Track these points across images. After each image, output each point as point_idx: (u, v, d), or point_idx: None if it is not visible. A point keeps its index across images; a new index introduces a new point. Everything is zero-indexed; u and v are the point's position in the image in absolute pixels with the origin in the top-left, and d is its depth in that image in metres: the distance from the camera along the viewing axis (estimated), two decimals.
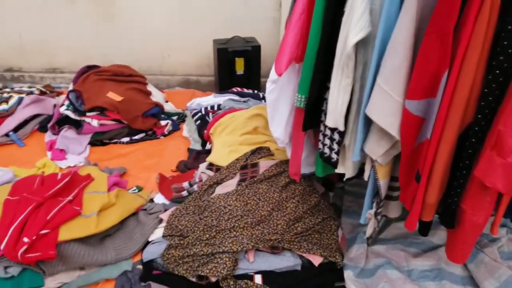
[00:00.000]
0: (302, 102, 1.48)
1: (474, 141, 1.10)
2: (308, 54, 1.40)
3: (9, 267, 1.53)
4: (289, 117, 1.66)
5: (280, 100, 1.65)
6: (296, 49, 1.47)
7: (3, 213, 1.66)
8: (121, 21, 3.24)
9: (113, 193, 1.88)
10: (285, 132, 1.70)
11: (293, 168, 1.72)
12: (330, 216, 1.81)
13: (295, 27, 1.44)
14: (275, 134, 1.73)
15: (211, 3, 3.14)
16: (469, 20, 0.99)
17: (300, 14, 1.41)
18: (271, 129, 1.74)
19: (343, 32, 1.24)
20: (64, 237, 1.59)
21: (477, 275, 1.54)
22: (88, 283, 1.64)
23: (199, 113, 2.67)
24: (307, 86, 1.44)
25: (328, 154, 1.48)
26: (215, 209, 1.76)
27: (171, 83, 3.46)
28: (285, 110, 1.66)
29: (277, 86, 1.62)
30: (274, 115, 1.69)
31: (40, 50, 3.40)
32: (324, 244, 1.68)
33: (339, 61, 1.27)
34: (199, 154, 2.42)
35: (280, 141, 1.74)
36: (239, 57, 2.98)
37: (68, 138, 2.58)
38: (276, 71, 1.52)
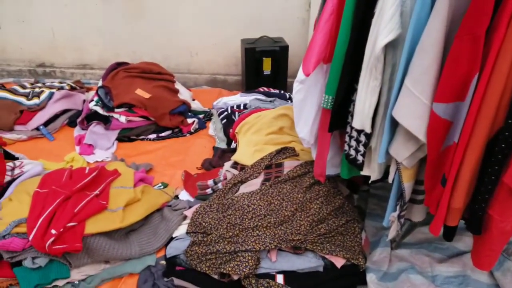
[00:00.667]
0: (329, 103, 1.46)
1: (504, 146, 1.06)
2: (336, 55, 1.38)
3: (37, 257, 1.57)
4: (316, 118, 1.64)
5: (306, 101, 1.64)
6: (324, 49, 1.46)
7: (32, 204, 1.70)
8: (151, 19, 3.29)
9: (139, 189, 1.90)
10: (311, 132, 1.68)
11: (318, 169, 1.70)
12: (354, 219, 1.77)
13: (324, 27, 1.43)
14: (301, 135, 1.72)
15: (240, 2, 3.15)
16: (502, 23, 0.97)
17: (330, 14, 1.40)
18: (297, 129, 1.73)
19: (372, 34, 1.22)
20: (90, 231, 1.62)
21: (503, 283, 1.49)
22: (112, 277, 1.67)
23: (225, 112, 2.67)
24: (334, 87, 1.42)
25: (353, 156, 1.46)
26: (239, 208, 1.75)
27: (199, 82, 3.49)
28: (312, 111, 1.64)
29: (304, 86, 1.60)
30: (300, 115, 1.68)
31: (71, 46, 3.49)
32: (347, 246, 1.65)
33: (368, 62, 1.25)
34: (224, 152, 2.43)
35: (306, 141, 1.73)
36: (266, 57, 2.97)
37: (97, 134, 2.63)
38: (304, 72, 1.51)
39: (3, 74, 3.60)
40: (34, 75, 3.57)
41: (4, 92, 2.82)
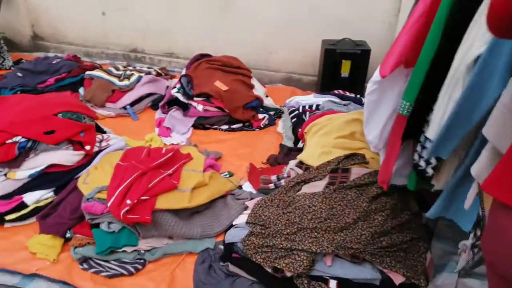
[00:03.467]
0: (405, 110, 1.40)
1: None
2: (421, 60, 1.31)
3: (112, 223, 1.73)
4: (387, 122, 1.58)
5: (380, 103, 1.57)
6: (407, 52, 1.38)
7: (113, 175, 1.88)
8: (236, 15, 3.41)
9: (208, 174, 2.00)
10: (380, 136, 1.62)
11: (382, 175, 1.64)
12: (420, 237, 1.70)
13: (410, 29, 1.36)
14: (369, 137, 1.67)
15: (324, 3, 3.14)
16: None
17: (419, 16, 1.32)
18: (365, 131, 1.68)
19: (466, 41, 1.14)
20: (160, 206, 1.75)
21: None
22: (174, 252, 1.78)
23: (297, 111, 2.69)
24: (414, 93, 1.35)
25: (423, 167, 1.39)
26: (299, 207, 1.77)
27: (274, 79, 3.55)
28: (384, 114, 1.58)
29: (379, 88, 1.54)
30: (371, 117, 1.63)
31: (161, 35, 3.74)
32: (408, 264, 1.58)
33: (455, 71, 1.17)
34: (290, 150, 2.46)
35: (373, 145, 1.67)
36: (346, 60, 2.93)
37: (175, 118, 2.80)
38: (381, 73, 1.45)
39: (102, 56, 3.97)
40: (127, 59, 3.89)
41: (101, 72, 3.11)
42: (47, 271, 1.69)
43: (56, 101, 2.22)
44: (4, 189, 1.96)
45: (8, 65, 3.68)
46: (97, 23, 3.86)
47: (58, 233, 1.80)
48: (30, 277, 1.69)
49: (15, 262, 1.74)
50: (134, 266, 1.70)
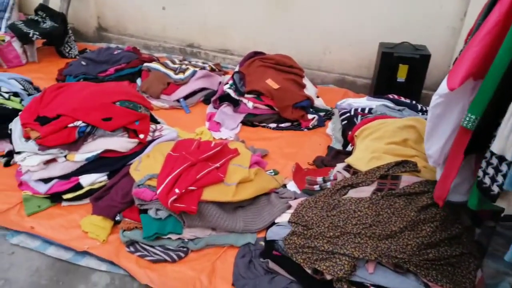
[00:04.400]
0: (471, 123, 1.33)
1: None
2: (492, 73, 1.24)
3: (159, 210, 1.79)
4: (450, 136, 1.51)
5: (444, 116, 1.50)
6: (477, 64, 1.30)
7: (164, 164, 1.95)
8: (292, 15, 3.39)
9: (253, 170, 2.02)
10: (441, 151, 1.55)
11: (439, 191, 1.57)
12: (471, 253, 1.60)
13: (483, 39, 1.28)
14: (429, 151, 1.60)
15: (384, 5, 3.04)
16: None
17: (493, 26, 1.25)
18: (426, 145, 1.61)
19: None
20: (206, 197, 1.79)
21: None
22: (216, 244, 1.82)
23: (348, 114, 2.64)
24: (482, 107, 1.28)
25: (488, 185, 1.31)
26: (344, 211, 1.74)
27: (326, 80, 3.50)
28: (447, 128, 1.51)
29: (445, 100, 1.47)
30: (433, 130, 1.56)
31: (218, 31, 3.81)
32: (456, 280, 1.50)
33: None
34: (338, 153, 2.41)
35: (433, 159, 1.61)
36: (403, 64, 2.83)
37: (225, 114, 2.85)
38: (448, 85, 1.38)
39: (159, 49, 4.12)
40: (183, 53, 4.01)
41: (158, 65, 3.23)
42: (97, 250, 1.79)
43: (115, 90, 2.33)
44: (64, 169, 2.09)
45: (73, 54, 3.94)
46: (157, 17, 4.01)
47: (109, 215, 1.90)
48: (81, 254, 1.80)
49: (69, 239, 1.86)
50: (177, 253, 1.75)
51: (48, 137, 2.03)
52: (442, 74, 1.45)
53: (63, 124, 2.06)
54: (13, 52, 3.70)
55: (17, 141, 2.13)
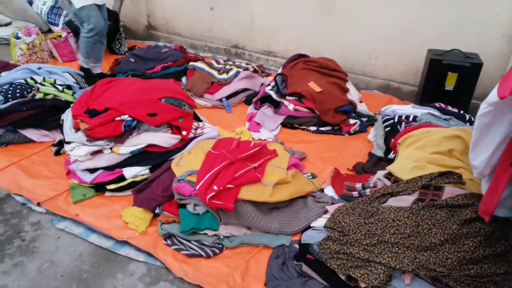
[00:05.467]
0: None
1: None
2: None
3: (198, 206, 1.83)
4: (498, 148, 1.44)
5: (492, 126, 1.44)
6: None
7: (204, 161, 1.99)
8: (339, 18, 3.36)
9: (291, 172, 2.02)
10: (487, 162, 1.48)
11: (485, 206, 1.50)
12: None
13: None
14: (474, 162, 1.53)
15: (435, 11, 2.94)
16: None
17: None
18: (471, 155, 1.55)
19: None
20: (243, 196, 1.80)
21: None
22: (250, 243, 1.83)
23: (391, 120, 2.57)
24: None
25: None
26: (383, 219, 1.70)
27: (370, 85, 3.43)
28: (495, 139, 1.44)
29: (494, 109, 1.41)
30: (479, 140, 1.49)
31: (263, 34, 3.83)
32: None
33: None
34: (379, 160, 2.36)
35: (478, 171, 1.53)
36: (452, 72, 2.72)
37: (266, 115, 2.87)
38: (499, 93, 1.32)
39: (205, 49, 4.21)
40: (228, 54, 4.07)
41: (203, 64, 3.31)
42: (136, 241, 1.86)
43: (161, 87, 2.41)
44: (109, 161, 2.18)
45: (123, 51, 4.11)
46: (204, 18, 4.10)
47: (149, 207, 1.96)
48: (121, 243, 1.87)
49: (110, 228, 1.93)
50: (212, 249, 1.78)
51: (96, 129, 2.12)
52: (494, 84, 1.37)
53: (110, 117, 2.15)
54: (68, 47, 3.92)
55: (68, 131, 2.24)
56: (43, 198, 2.11)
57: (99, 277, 1.73)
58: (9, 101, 2.49)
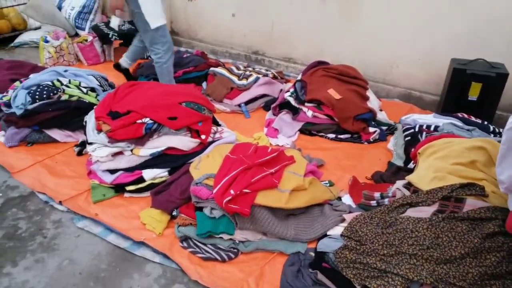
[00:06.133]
0: None
1: None
2: None
3: (214, 209, 1.85)
4: None
5: None
6: None
7: (222, 165, 2.00)
8: (361, 25, 3.34)
9: (308, 179, 2.01)
10: None
11: None
12: None
13: None
14: (501, 177, 1.49)
15: (460, 19, 2.89)
16: None
17: None
18: (498, 169, 1.51)
19: None
20: (259, 202, 1.81)
21: None
22: (265, 249, 1.83)
23: (412, 130, 2.53)
24: None
25: None
26: (401, 230, 1.67)
27: (391, 94, 3.39)
28: None
29: None
30: (507, 155, 1.45)
31: (284, 40, 3.85)
32: None
33: None
34: (399, 170, 2.32)
35: (505, 186, 1.49)
36: (476, 82, 2.66)
37: (284, 121, 2.87)
38: None
39: (226, 55, 4.25)
40: (248, 60, 4.10)
41: (224, 70, 3.34)
42: (153, 242, 1.88)
43: (182, 91, 2.44)
44: (129, 162, 2.22)
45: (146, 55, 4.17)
46: (226, 24, 4.15)
47: (166, 209, 1.98)
48: (138, 244, 1.89)
49: (128, 228, 1.96)
50: (227, 254, 1.79)
51: (118, 131, 2.17)
52: None
53: (132, 119, 2.19)
54: (93, 51, 4.02)
55: (90, 132, 2.30)
56: (65, 197, 2.17)
57: (116, 276, 1.75)
58: (37, 102, 2.58)
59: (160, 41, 2.78)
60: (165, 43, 2.80)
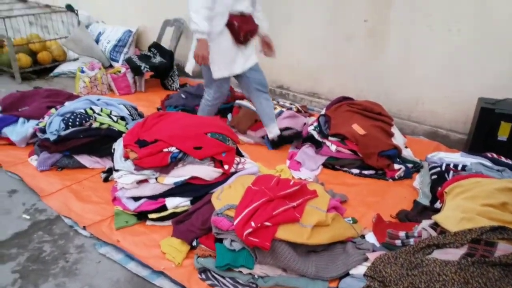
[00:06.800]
0: None
1: None
2: None
3: (234, 241, 1.83)
4: None
5: None
6: None
7: (243, 197, 2.00)
8: (386, 62, 3.36)
9: (331, 215, 1.97)
10: None
11: None
12: None
13: None
14: None
15: (489, 58, 2.87)
16: None
17: None
18: None
19: None
20: (280, 236, 1.78)
21: None
22: (285, 285, 1.79)
23: (438, 168, 2.48)
24: None
25: None
26: (427, 272, 1.60)
27: (416, 131, 3.35)
28: None
29: None
30: None
31: (308, 75, 3.90)
32: None
33: None
34: (425, 209, 2.26)
35: None
36: (506, 122, 2.60)
37: (307, 155, 2.86)
38: None
39: None
40: (273, 94, 4.16)
41: (248, 103, 3.39)
42: (172, 272, 1.87)
43: (208, 122, 2.49)
44: (153, 190, 2.25)
45: (175, 87, 4.33)
46: None
47: (187, 239, 1.98)
48: (157, 273, 1.89)
49: (148, 257, 1.97)
50: None
51: (144, 159, 2.22)
52: None
53: (159, 148, 2.24)
54: (125, 82, 4.19)
55: (118, 159, 2.36)
56: (89, 222, 2.21)
57: None
58: (69, 128, 2.69)
59: (215, 88, 2.83)
60: (219, 92, 2.84)
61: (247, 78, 2.82)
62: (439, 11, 2.98)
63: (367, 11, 3.32)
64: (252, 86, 2.84)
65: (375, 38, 3.36)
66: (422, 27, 3.09)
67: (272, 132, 3.00)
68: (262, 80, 2.88)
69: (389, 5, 3.19)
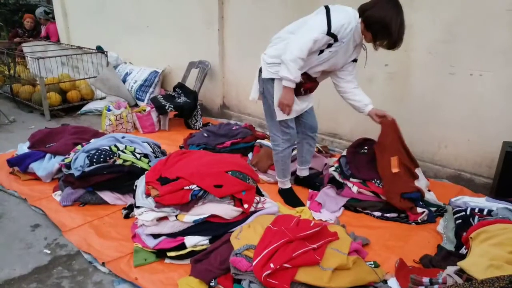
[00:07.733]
0: None
1: None
2: None
3: (253, 283, 1.80)
4: None
5: None
6: None
7: (263, 237, 1.98)
8: (408, 104, 3.37)
9: (352, 258, 1.93)
10: None
11: None
12: None
13: None
14: None
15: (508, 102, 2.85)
16: None
17: None
18: None
19: None
20: (300, 278, 1.75)
21: None
22: None
23: (463, 212, 2.41)
24: None
25: None
26: None
27: (440, 174, 3.29)
28: None
29: None
30: None
31: (330, 117, 3.94)
32: None
33: None
34: (449, 254, 2.18)
35: None
36: None
37: (328, 195, 2.84)
38: None
39: None
40: None
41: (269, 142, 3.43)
42: None
43: (229, 161, 2.53)
44: (172, 228, 2.26)
45: (198, 126, 4.44)
46: None
47: (205, 279, 1.96)
48: None
49: None
50: None
51: (165, 196, 2.25)
52: None
53: (180, 186, 2.27)
54: (150, 120, 4.33)
55: (139, 196, 2.40)
56: (108, 258, 2.22)
57: None
58: (94, 164, 2.77)
59: (282, 130, 2.73)
60: (286, 133, 2.72)
61: (299, 121, 2.86)
62: (463, 57, 3.01)
63: (387, 56, 3.37)
64: (301, 129, 2.90)
65: (397, 81, 3.40)
66: (444, 71, 3.11)
67: (301, 173, 3.07)
68: (314, 124, 2.94)
69: (408, 49, 3.24)
